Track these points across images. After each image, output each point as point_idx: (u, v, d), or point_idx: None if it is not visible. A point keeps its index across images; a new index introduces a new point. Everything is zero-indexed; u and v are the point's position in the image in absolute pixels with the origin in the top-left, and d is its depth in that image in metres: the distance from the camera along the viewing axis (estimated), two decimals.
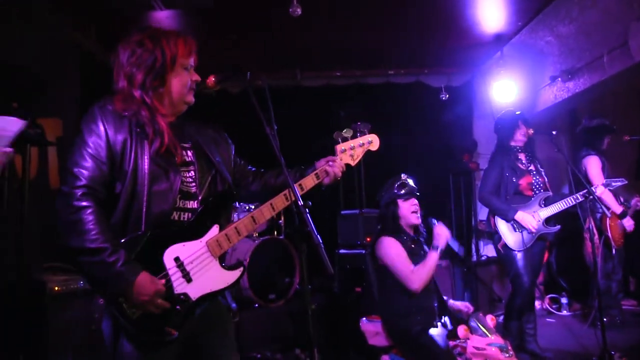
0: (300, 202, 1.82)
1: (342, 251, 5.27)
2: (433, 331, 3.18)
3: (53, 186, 4.28)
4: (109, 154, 1.85)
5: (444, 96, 6.55)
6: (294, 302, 4.69)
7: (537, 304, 5.60)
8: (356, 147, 2.36)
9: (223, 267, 1.99)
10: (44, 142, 3.78)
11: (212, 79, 2.10)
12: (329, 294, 5.13)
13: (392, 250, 3.28)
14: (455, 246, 3.43)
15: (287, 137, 2.38)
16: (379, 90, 6.72)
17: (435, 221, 3.39)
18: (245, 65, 1.99)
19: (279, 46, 5.70)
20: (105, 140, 1.84)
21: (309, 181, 2.19)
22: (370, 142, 2.39)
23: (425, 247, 3.47)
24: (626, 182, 4.42)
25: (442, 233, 3.30)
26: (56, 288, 3.40)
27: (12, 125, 1.80)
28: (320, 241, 1.74)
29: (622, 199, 4.99)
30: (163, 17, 4.72)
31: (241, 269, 2.02)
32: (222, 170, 2.09)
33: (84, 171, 1.81)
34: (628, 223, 4.88)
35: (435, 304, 3.35)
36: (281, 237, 5.03)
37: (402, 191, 3.42)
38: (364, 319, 3.64)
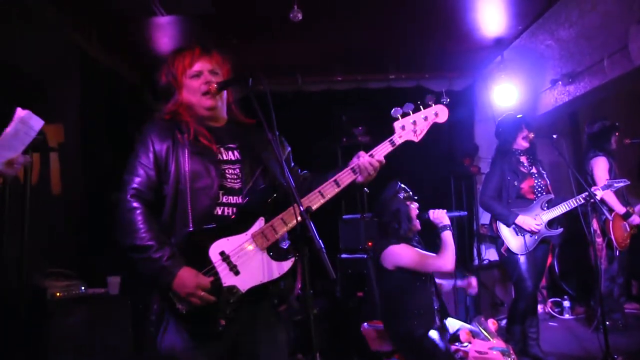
0: (301, 207, 1.81)
1: (343, 256, 5.26)
2: (435, 335, 3.18)
3: (55, 192, 4.29)
4: (155, 161, 2.05)
5: (445, 100, 6.51)
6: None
7: (540, 307, 5.59)
8: (418, 121, 2.15)
9: (271, 257, 2.01)
10: (45, 148, 3.79)
11: (213, 85, 2.10)
12: (331, 298, 5.12)
13: (408, 252, 3.28)
14: (455, 214, 3.48)
15: (289, 142, 2.37)
16: (380, 94, 6.71)
17: (427, 213, 3.44)
18: (246, 71, 2.01)
19: (280, 51, 5.71)
20: (152, 150, 2.06)
21: (346, 176, 2.09)
22: (436, 115, 2.18)
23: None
24: (629, 182, 4.43)
25: (439, 215, 3.37)
26: (57, 294, 3.40)
27: (36, 124, 1.94)
28: (322, 246, 1.74)
29: (626, 203, 4.98)
30: (164, 22, 4.73)
31: (293, 259, 2.02)
32: (271, 167, 2.16)
33: (134, 177, 2.03)
34: (635, 222, 4.86)
35: (435, 306, 3.35)
36: None
37: (407, 195, 3.43)
38: (366, 324, 3.64)
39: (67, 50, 4.63)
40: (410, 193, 3.46)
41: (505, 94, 5.84)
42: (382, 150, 2.14)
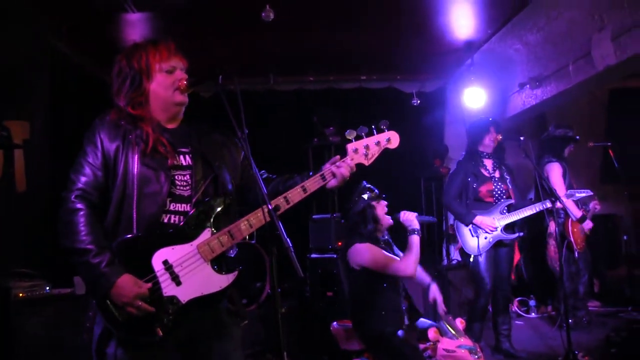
0: (270, 206, 1.81)
1: (313, 255, 5.27)
2: (403, 334, 3.22)
3: (20, 190, 4.19)
4: (104, 161, 1.98)
5: (416, 102, 6.62)
6: (266, 307, 4.68)
7: None
8: (371, 146, 2.17)
9: (215, 270, 1.98)
10: (10, 144, 3.71)
11: (183, 82, 2.08)
12: (300, 298, 5.13)
13: (371, 252, 3.30)
14: (426, 219, 3.50)
15: (259, 141, 2.36)
16: (352, 95, 6.75)
17: (399, 214, 3.44)
18: (217, 69, 1.99)
19: (252, 50, 5.69)
20: (100, 148, 1.98)
21: (314, 183, 2.08)
22: (388, 140, 2.20)
23: (396, 249, 3.52)
24: (591, 193, 4.56)
25: (409, 217, 3.36)
26: (20, 294, 3.33)
27: None
28: (290, 245, 1.74)
29: (581, 204, 5.13)
30: (135, 19, 4.66)
31: (235, 273, 2.00)
32: (221, 175, 2.11)
33: (81, 177, 1.95)
34: (587, 226, 5.03)
35: (404, 307, 3.39)
36: (253, 241, 5.00)
37: (372, 195, 3.46)
38: (335, 323, 3.65)
39: (36, 45, 4.52)
40: (377, 192, 3.48)
41: (475, 96, 5.93)
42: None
